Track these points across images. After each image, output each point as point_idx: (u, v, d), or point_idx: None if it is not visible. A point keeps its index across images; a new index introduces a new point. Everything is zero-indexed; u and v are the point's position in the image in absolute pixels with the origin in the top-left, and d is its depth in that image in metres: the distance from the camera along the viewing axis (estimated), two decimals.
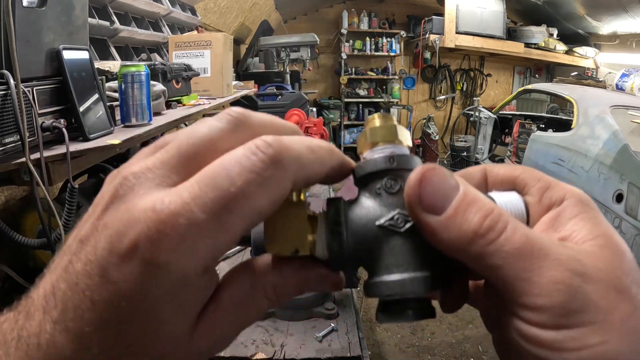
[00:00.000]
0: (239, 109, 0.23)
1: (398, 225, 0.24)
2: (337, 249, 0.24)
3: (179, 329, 0.20)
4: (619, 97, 3.65)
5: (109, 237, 0.18)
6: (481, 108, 5.26)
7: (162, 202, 0.18)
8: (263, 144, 0.20)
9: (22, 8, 0.80)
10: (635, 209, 2.46)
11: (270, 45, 3.99)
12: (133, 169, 0.20)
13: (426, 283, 0.24)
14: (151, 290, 0.18)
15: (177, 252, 0.18)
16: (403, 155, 0.27)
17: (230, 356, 0.93)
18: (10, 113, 0.74)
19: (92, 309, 0.18)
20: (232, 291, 0.23)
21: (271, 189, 0.20)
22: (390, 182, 0.26)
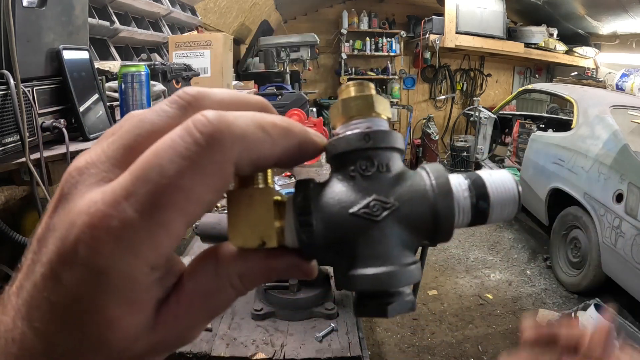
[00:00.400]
0: (193, 89, 0.21)
1: (374, 213, 0.22)
2: (306, 241, 0.22)
3: (134, 326, 0.19)
4: (619, 97, 3.65)
5: (56, 240, 0.18)
6: (481, 108, 5.26)
7: (95, 204, 0.17)
8: (200, 121, 0.18)
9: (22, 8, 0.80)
10: (635, 209, 2.46)
11: (270, 45, 3.99)
12: (79, 163, 0.20)
13: (405, 277, 0.22)
14: (97, 293, 0.18)
15: (114, 256, 0.17)
16: (380, 132, 0.23)
17: (230, 356, 0.93)
18: (10, 113, 0.74)
19: (51, 310, 0.18)
20: (196, 281, 0.22)
21: (208, 176, 0.18)
22: (366, 163, 0.23)
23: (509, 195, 0.23)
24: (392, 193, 0.22)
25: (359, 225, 0.22)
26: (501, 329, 2.75)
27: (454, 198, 0.22)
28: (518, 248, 3.90)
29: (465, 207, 0.22)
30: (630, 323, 2.31)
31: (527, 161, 3.83)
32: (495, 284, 3.29)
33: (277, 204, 0.22)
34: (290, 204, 0.22)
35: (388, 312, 0.22)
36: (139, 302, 0.19)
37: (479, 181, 0.23)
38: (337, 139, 0.24)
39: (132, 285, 0.18)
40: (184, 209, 0.18)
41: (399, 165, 0.24)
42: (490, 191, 0.22)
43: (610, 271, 2.70)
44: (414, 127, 6.48)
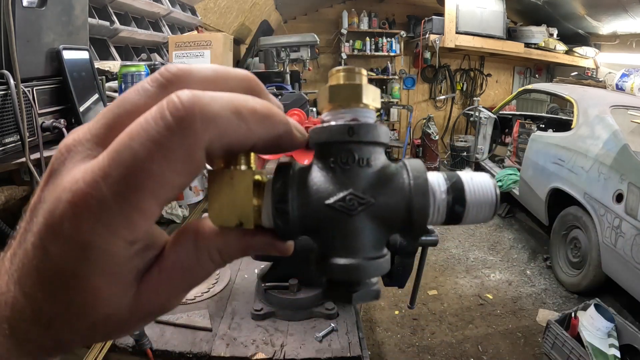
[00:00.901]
0: (175, 66, 0.21)
1: (349, 207, 0.22)
2: (282, 226, 0.22)
3: (116, 294, 0.20)
4: (619, 97, 3.65)
5: (45, 213, 0.19)
6: (481, 108, 5.26)
7: (76, 181, 0.18)
8: (173, 104, 0.18)
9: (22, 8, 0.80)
10: (635, 209, 2.46)
11: (270, 45, 3.99)
12: (67, 140, 0.21)
13: (372, 270, 0.22)
14: (80, 264, 0.19)
15: (93, 232, 0.18)
16: (365, 125, 0.23)
17: (230, 356, 0.93)
18: (10, 113, 0.74)
19: (39, 277, 0.19)
20: (177, 254, 0.22)
21: (178, 160, 0.18)
22: (346, 156, 0.23)
23: (486, 201, 0.23)
24: (369, 189, 0.22)
25: (334, 217, 0.22)
26: (501, 329, 2.75)
27: (430, 198, 0.22)
28: (518, 248, 3.90)
29: (441, 207, 0.23)
30: (630, 323, 2.31)
31: (527, 161, 3.83)
32: (495, 284, 3.29)
33: (257, 185, 0.22)
34: (269, 188, 0.22)
35: (353, 300, 0.23)
36: (119, 272, 0.20)
37: (459, 184, 0.23)
38: (321, 127, 0.23)
39: (111, 258, 0.19)
40: (155, 191, 0.19)
41: (380, 160, 0.24)
42: (467, 195, 0.23)
43: (610, 271, 2.70)
44: (414, 127, 6.48)
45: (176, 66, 0.21)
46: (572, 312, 2.46)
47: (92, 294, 0.20)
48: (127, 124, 0.19)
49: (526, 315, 2.89)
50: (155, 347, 0.93)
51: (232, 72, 0.22)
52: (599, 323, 2.31)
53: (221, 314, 1.07)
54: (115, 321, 0.21)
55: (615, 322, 2.32)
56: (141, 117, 0.19)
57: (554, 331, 2.34)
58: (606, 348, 2.21)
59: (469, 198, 0.23)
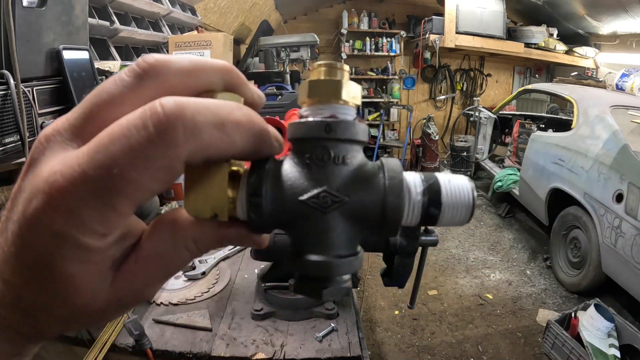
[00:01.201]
0: (152, 57, 0.21)
1: (323, 204, 0.22)
2: (255, 219, 0.22)
3: (92, 283, 0.21)
4: (619, 97, 3.65)
5: (24, 202, 0.19)
6: (481, 108, 5.26)
7: (55, 174, 0.19)
8: (156, 114, 0.18)
9: (22, 8, 0.80)
10: (635, 209, 2.46)
11: (270, 45, 3.99)
12: (47, 130, 0.21)
13: (343, 267, 0.22)
14: (55, 253, 0.19)
15: (69, 224, 0.19)
16: (343, 122, 0.23)
17: (230, 356, 0.93)
18: (10, 113, 0.74)
19: (18, 265, 0.20)
20: (153, 243, 0.23)
21: (157, 170, 0.19)
22: (322, 153, 0.23)
23: (462, 204, 0.23)
24: (343, 187, 0.22)
25: (307, 213, 0.22)
26: (501, 329, 2.75)
27: (404, 198, 0.22)
28: (518, 248, 3.90)
29: (415, 208, 0.22)
30: (630, 323, 2.31)
31: (527, 161, 3.83)
32: (495, 284, 3.29)
33: (233, 177, 0.22)
34: (244, 181, 0.22)
35: (322, 296, 0.23)
36: (94, 262, 0.20)
37: (435, 186, 0.23)
38: (298, 123, 0.23)
39: (84, 249, 0.20)
40: (132, 196, 0.19)
41: (357, 158, 0.24)
42: (444, 197, 0.23)
43: (610, 271, 2.70)
44: (414, 127, 6.48)
45: (153, 56, 0.21)
46: (572, 312, 2.46)
47: (67, 282, 0.20)
48: (104, 114, 0.20)
49: (526, 315, 2.89)
50: (155, 347, 0.93)
51: (210, 64, 0.22)
52: (599, 323, 2.31)
53: (221, 314, 1.07)
54: (93, 309, 0.21)
55: (615, 322, 2.32)
56: (123, 121, 0.19)
57: (554, 331, 2.34)
58: (606, 348, 2.21)
59: (445, 200, 0.22)
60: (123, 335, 0.94)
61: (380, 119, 6.58)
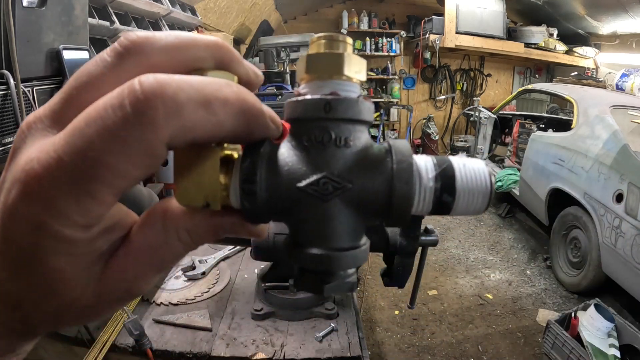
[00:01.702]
0: (134, 34, 0.19)
1: (323, 192, 0.20)
2: (249, 207, 0.20)
3: (78, 276, 0.20)
4: (619, 97, 3.65)
5: (4, 192, 0.19)
6: (481, 108, 5.25)
7: (31, 161, 0.18)
8: (134, 92, 0.17)
9: (22, 8, 0.80)
10: (635, 209, 2.46)
11: (270, 45, 3.99)
12: (29, 118, 0.20)
13: (346, 261, 0.20)
14: (38, 245, 0.18)
15: (47, 214, 0.18)
16: (344, 100, 0.20)
17: (230, 356, 0.93)
18: (10, 113, 0.74)
19: (3, 259, 0.19)
20: (144, 234, 0.21)
21: (135, 154, 0.17)
22: (322, 135, 0.20)
23: (479, 190, 0.20)
24: (346, 172, 0.20)
25: (306, 201, 0.20)
26: (501, 329, 2.75)
27: (414, 185, 0.20)
28: (518, 248, 3.90)
29: (427, 195, 0.20)
30: (630, 323, 2.31)
31: (527, 161, 3.83)
32: (495, 284, 3.29)
33: (226, 162, 0.21)
34: (237, 166, 0.20)
35: (324, 291, 0.21)
36: (78, 254, 0.19)
37: (449, 171, 0.20)
38: (295, 101, 0.21)
39: (66, 241, 0.18)
40: (111, 183, 0.18)
41: (361, 139, 0.21)
42: (458, 184, 0.20)
43: (610, 271, 2.70)
44: (414, 127, 6.48)
45: (136, 34, 0.19)
46: (572, 312, 2.46)
47: (52, 276, 0.19)
48: (84, 97, 0.19)
49: (526, 315, 2.89)
50: (155, 347, 0.93)
51: (198, 40, 0.20)
52: (599, 323, 2.31)
53: (221, 314, 1.07)
54: (83, 304, 0.20)
55: (615, 322, 2.32)
56: (100, 101, 0.17)
57: (554, 331, 2.34)
58: (606, 348, 2.21)
59: (459, 186, 0.20)
60: (123, 335, 0.94)
61: (380, 119, 6.58)
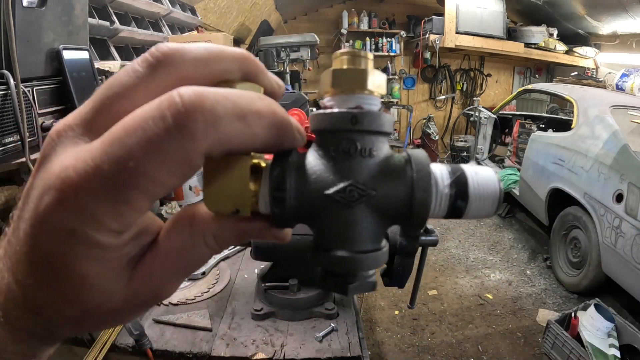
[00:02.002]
0: (165, 45, 0.20)
1: (349, 198, 0.21)
2: (278, 214, 0.21)
3: (107, 282, 0.20)
4: (619, 97, 3.65)
5: (35, 199, 0.19)
6: (481, 108, 5.25)
7: (66, 169, 0.18)
8: (175, 105, 0.17)
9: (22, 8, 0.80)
10: (635, 209, 2.46)
11: (270, 45, 3.99)
12: (59, 126, 0.20)
13: (369, 262, 0.22)
14: (68, 251, 0.18)
15: (81, 221, 0.18)
16: (369, 113, 0.22)
17: (230, 356, 0.93)
18: (10, 113, 0.74)
19: (30, 264, 0.19)
20: (171, 239, 0.22)
21: (175, 164, 0.18)
22: (348, 146, 0.22)
23: (489, 195, 0.22)
24: (370, 180, 0.22)
25: (333, 207, 0.21)
26: (501, 329, 2.75)
27: (432, 192, 0.22)
28: (518, 248, 3.90)
29: (443, 201, 0.22)
30: (630, 323, 2.31)
31: (527, 161, 3.83)
32: (495, 284, 3.29)
33: (255, 170, 0.22)
34: (267, 174, 0.22)
35: (348, 292, 0.23)
36: (108, 260, 0.20)
37: (462, 179, 0.22)
38: (323, 114, 0.22)
39: (98, 246, 0.19)
40: (147, 190, 0.18)
41: (383, 150, 0.23)
42: (471, 189, 0.22)
43: (610, 271, 2.70)
44: (414, 127, 6.48)
45: (167, 45, 0.20)
46: (572, 312, 2.46)
47: (80, 281, 0.19)
48: (116, 106, 0.19)
49: (526, 315, 2.89)
50: (155, 347, 0.93)
51: (226, 52, 0.21)
52: (599, 323, 2.31)
53: (221, 314, 1.07)
54: (108, 309, 0.21)
55: (615, 322, 2.32)
56: (139, 112, 0.18)
57: (554, 331, 2.34)
58: (606, 348, 2.21)
59: (472, 193, 0.22)
60: (123, 335, 0.94)
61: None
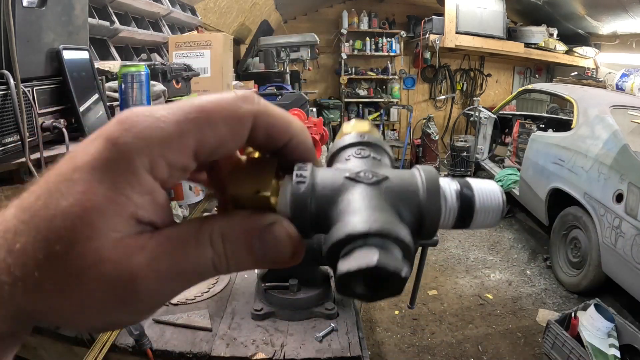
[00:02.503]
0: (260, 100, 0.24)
1: (366, 177, 0.23)
2: (299, 194, 0.22)
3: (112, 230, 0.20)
4: (619, 97, 3.65)
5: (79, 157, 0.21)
6: (481, 108, 5.26)
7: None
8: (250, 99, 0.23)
9: (22, 8, 0.80)
10: (635, 209, 2.45)
11: (270, 45, 3.99)
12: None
13: (390, 229, 0.20)
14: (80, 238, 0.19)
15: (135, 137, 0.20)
16: (375, 137, 0.26)
17: (230, 356, 0.93)
18: (10, 113, 0.74)
19: (40, 233, 0.20)
20: (177, 226, 0.22)
21: (234, 120, 0.22)
22: (360, 150, 0.25)
23: (493, 208, 0.23)
24: (383, 179, 0.23)
25: (350, 184, 0.23)
26: (501, 329, 2.75)
27: (442, 209, 0.23)
28: (518, 248, 3.90)
29: (451, 213, 0.23)
30: (630, 323, 2.31)
31: (527, 161, 3.83)
32: (495, 284, 3.29)
33: (277, 176, 0.24)
34: (289, 177, 0.23)
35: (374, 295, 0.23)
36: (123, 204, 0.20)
37: (469, 192, 0.23)
38: (337, 141, 0.27)
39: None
40: (205, 143, 0.22)
41: (389, 164, 0.26)
42: (476, 203, 0.23)
43: (610, 271, 2.70)
44: (414, 127, 6.48)
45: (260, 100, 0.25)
46: (572, 312, 2.46)
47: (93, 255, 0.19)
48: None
49: (526, 315, 2.89)
50: (155, 347, 0.93)
51: (294, 123, 0.25)
52: (599, 323, 2.31)
53: (221, 314, 1.07)
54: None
55: (615, 322, 2.32)
56: None
57: (554, 331, 2.34)
58: (606, 348, 2.21)
59: (477, 206, 0.23)
60: (123, 335, 0.94)
61: (380, 119, 6.58)
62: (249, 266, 0.22)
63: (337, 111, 6.50)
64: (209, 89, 2.03)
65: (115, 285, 0.20)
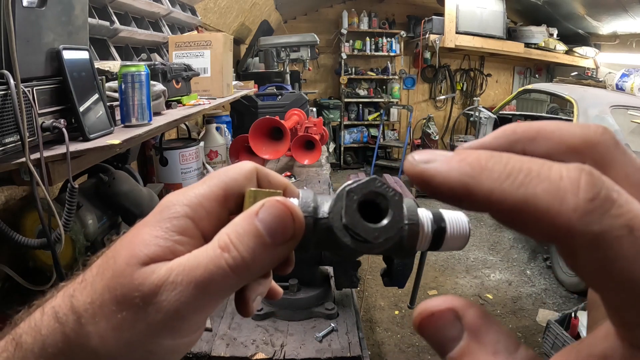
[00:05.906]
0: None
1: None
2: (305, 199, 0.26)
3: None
4: (619, 97, 3.65)
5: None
6: (481, 108, 5.25)
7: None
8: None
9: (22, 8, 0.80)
10: None
11: (270, 45, 3.99)
12: None
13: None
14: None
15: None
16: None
17: (230, 356, 0.93)
18: (10, 113, 0.74)
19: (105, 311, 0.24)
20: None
21: None
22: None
23: (461, 236, 0.28)
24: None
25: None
26: None
27: (419, 238, 0.26)
28: (518, 248, 3.90)
29: (425, 242, 0.27)
30: None
31: None
32: (495, 284, 3.29)
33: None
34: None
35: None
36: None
37: (442, 223, 0.27)
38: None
39: None
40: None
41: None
42: (447, 232, 0.27)
43: None
44: (414, 127, 6.48)
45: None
46: (572, 312, 2.46)
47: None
48: None
49: (526, 315, 2.89)
50: None
51: None
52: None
53: (221, 314, 1.07)
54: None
55: None
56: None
57: (554, 331, 2.34)
58: None
59: (448, 235, 0.27)
60: None
61: (380, 119, 6.58)
62: (259, 247, 0.22)
63: (337, 111, 6.51)
64: (209, 89, 2.03)
65: None
